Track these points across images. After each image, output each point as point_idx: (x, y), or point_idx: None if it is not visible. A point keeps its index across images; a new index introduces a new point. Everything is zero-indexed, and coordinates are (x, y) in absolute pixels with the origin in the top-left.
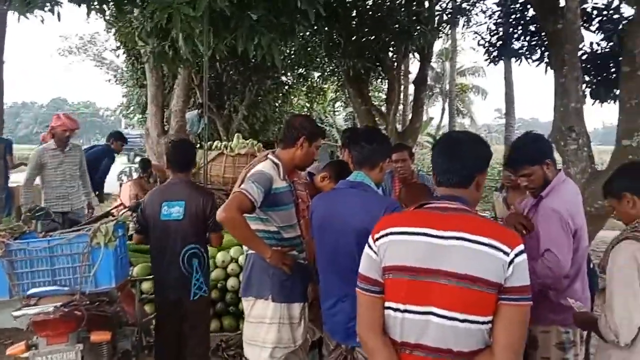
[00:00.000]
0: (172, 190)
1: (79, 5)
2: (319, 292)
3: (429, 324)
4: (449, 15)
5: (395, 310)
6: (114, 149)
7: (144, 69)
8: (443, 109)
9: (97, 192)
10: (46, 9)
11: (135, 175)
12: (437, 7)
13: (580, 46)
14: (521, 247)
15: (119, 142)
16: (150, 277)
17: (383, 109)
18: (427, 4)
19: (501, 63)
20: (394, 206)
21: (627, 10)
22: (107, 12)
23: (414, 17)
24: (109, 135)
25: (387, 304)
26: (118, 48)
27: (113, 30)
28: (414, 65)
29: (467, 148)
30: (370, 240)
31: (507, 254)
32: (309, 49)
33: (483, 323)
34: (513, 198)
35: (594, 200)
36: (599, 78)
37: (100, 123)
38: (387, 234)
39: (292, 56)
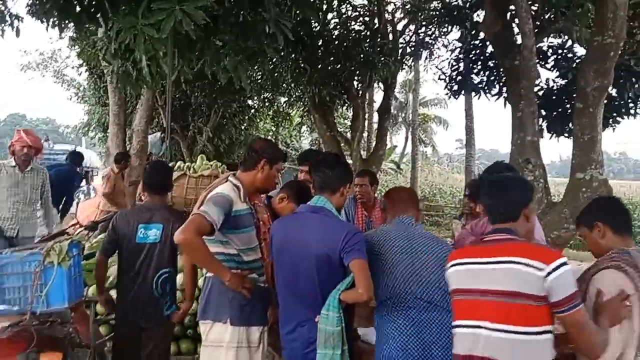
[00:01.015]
0: (149, 212)
1: (42, 22)
2: (279, 317)
3: (479, 337)
4: (412, 48)
5: (457, 327)
6: (76, 169)
7: (107, 88)
8: (406, 138)
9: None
10: (6, 23)
11: (92, 195)
12: (401, 40)
13: (537, 82)
14: (559, 262)
15: (78, 160)
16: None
17: (348, 135)
18: (391, 37)
19: (462, 96)
20: (355, 232)
21: (580, 50)
22: (69, 31)
23: (379, 49)
24: (69, 155)
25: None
26: (80, 66)
27: (76, 47)
28: (378, 95)
29: (512, 188)
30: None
31: (541, 270)
32: (275, 74)
33: (534, 334)
34: None
35: (550, 230)
36: (555, 113)
37: (60, 139)
38: (452, 265)
39: (259, 81)
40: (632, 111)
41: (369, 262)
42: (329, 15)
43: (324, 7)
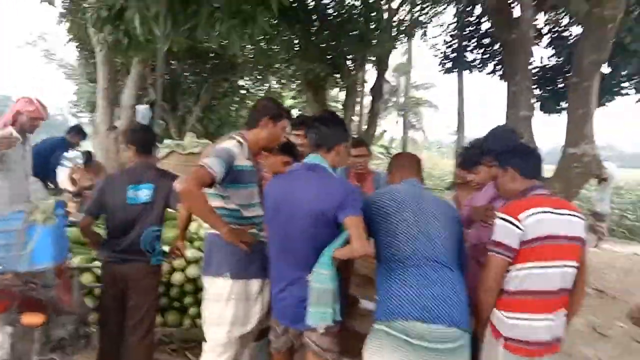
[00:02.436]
0: (138, 173)
1: None
2: (267, 277)
3: (566, 274)
4: (407, 27)
5: (541, 267)
6: (70, 141)
7: (96, 64)
8: (397, 122)
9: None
10: None
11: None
12: (395, 19)
13: (531, 60)
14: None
15: (79, 136)
16: (91, 266)
17: (340, 115)
18: (385, 15)
19: (454, 81)
20: (352, 189)
21: (575, 30)
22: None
23: (373, 26)
24: (70, 128)
25: (531, 264)
26: (69, 41)
27: (65, 23)
28: (371, 77)
29: (535, 150)
30: (511, 219)
31: (583, 219)
32: (269, 51)
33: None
34: (462, 196)
35: None
36: (549, 89)
37: (47, 122)
38: (534, 214)
39: (251, 57)
40: (624, 89)
41: (376, 221)
42: None
43: None
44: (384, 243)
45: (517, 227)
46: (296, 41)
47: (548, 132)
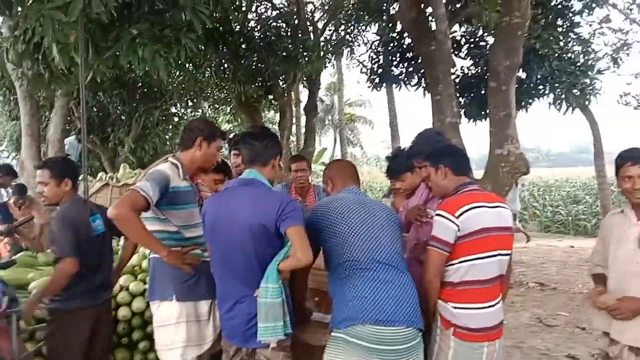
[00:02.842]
0: (85, 204)
1: None
2: (215, 296)
3: (502, 261)
4: (333, 47)
5: (480, 259)
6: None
7: (17, 100)
8: (335, 139)
9: None
10: None
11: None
12: (322, 38)
13: (453, 70)
14: None
15: (9, 176)
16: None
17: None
18: (312, 35)
19: (385, 97)
20: (289, 200)
21: (490, 39)
22: None
23: (301, 46)
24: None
25: (471, 256)
26: None
27: None
28: (304, 96)
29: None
30: (448, 215)
31: (509, 210)
32: (198, 75)
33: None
34: (398, 202)
35: None
36: (471, 97)
37: None
38: (468, 209)
39: (183, 86)
40: (541, 92)
41: (323, 230)
42: (249, 15)
43: (243, 4)
44: (334, 250)
45: (453, 222)
46: (225, 65)
47: (476, 140)
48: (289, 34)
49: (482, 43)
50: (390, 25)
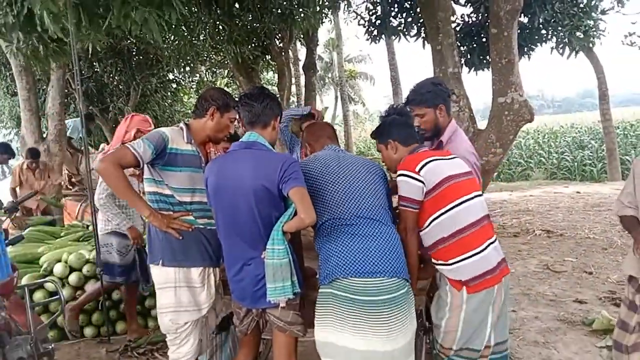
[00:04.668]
0: None
1: None
2: (223, 260)
3: (480, 202)
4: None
5: (460, 204)
6: None
7: (14, 76)
8: (336, 98)
9: None
10: None
11: (8, 175)
12: None
13: (453, 19)
14: None
15: (5, 155)
16: (41, 283)
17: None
18: None
19: (385, 51)
20: (291, 161)
21: None
22: None
23: (296, 2)
24: None
25: (450, 205)
26: None
27: None
28: (303, 54)
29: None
30: (409, 173)
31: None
32: (193, 39)
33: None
34: None
35: (479, 156)
36: (472, 46)
37: None
38: (430, 161)
39: (179, 51)
40: (543, 36)
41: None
42: None
43: None
44: (316, 209)
45: (416, 179)
46: (220, 26)
47: (478, 89)
48: None
49: None
50: None
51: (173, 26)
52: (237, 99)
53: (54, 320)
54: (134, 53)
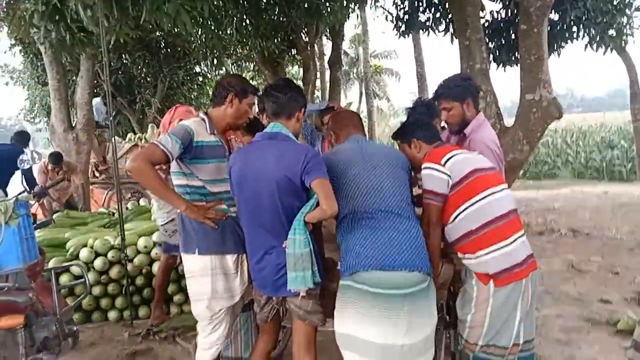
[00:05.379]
0: None
1: None
2: (246, 248)
3: (509, 195)
4: None
5: (488, 196)
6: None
7: (45, 66)
8: (360, 93)
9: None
10: None
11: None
12: None
13: (482, 14)
14: None
15: (22, 141)
16: (67, 266)
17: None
18: None
19: (412, 47)
20: (313, 153)
21: None
22: None
23: None
24: (16, 136)
25: (478, 197)
26: (13, 46)
27: (5, 28)
28: (328, 49)
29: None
30: (435, 166)
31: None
32: (221, 32)
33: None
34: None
35: (506, 153)
36: (501, 42)
37: (4, 132)
38: (454, 155)
39: (206, 44)
40: (574, 34)
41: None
42: None
43: None
44: (339, 201)
45: (442, 172)
46: (247, 20)
47: (505, 86)
48: None
49: None
50: None
51: (205, 19)
52: (263, 92)
53: (79, 302)
54: (161, 46)
